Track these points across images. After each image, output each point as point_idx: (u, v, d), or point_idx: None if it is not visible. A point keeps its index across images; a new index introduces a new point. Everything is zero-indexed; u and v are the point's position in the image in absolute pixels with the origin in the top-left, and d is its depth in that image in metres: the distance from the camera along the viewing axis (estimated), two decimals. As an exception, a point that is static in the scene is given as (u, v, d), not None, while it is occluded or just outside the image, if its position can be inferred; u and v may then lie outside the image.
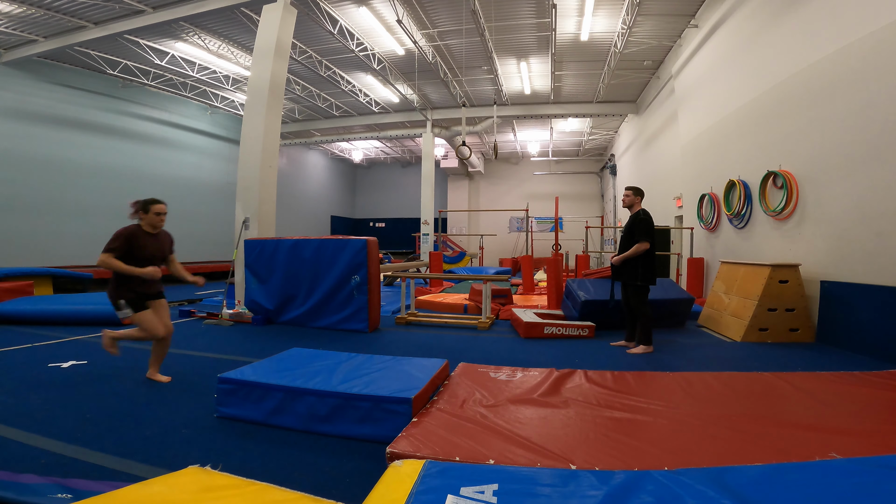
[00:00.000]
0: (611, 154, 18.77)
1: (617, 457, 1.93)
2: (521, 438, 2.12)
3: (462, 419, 2.36)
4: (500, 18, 9.25)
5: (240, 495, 1.53)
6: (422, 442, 2.04)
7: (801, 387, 2.90)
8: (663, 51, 10.37)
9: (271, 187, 7.07)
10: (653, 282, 4.44)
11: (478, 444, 2.04)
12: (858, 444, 1.98)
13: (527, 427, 2.27)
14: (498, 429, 2.23)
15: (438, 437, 2.10)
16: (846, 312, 4.63)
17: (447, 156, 20.51)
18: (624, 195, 4.69)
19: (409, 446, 1.99)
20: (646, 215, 4.49)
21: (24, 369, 3.74)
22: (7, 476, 1.81)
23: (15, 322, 5.76)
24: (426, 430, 2.17)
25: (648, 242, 4.36)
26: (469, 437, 2.12)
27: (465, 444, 2.04)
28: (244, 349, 4.67)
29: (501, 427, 2.25)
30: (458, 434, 2.15)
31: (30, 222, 10.23)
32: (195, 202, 14.41)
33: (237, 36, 10.17)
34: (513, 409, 2.54)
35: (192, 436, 2.47)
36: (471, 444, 2.05)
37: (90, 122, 11.55)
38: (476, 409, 2.52)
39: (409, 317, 6.30)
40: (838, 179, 4.84)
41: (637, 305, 4.49)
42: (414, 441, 2.05)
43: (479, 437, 2.14)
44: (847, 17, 4.70)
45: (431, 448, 1.98)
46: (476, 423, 2.31)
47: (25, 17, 8.78)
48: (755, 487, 1.42)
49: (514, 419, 2.38)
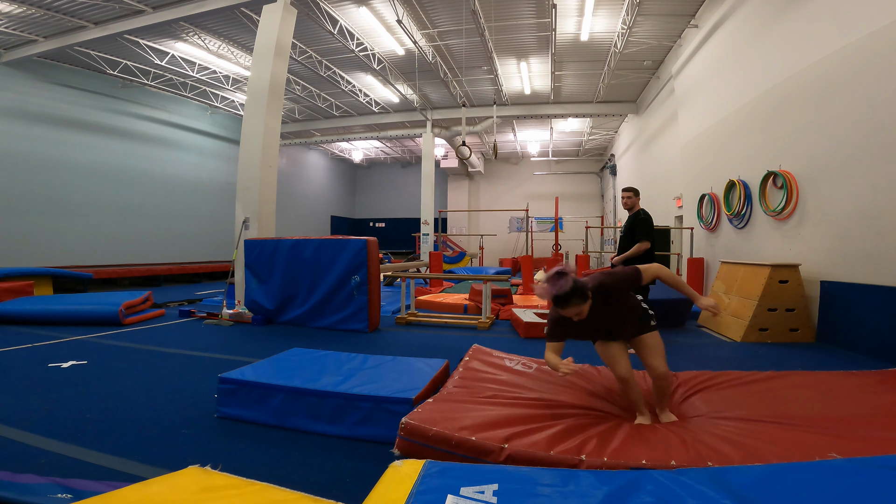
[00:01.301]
0: (611, 154, 18.77)
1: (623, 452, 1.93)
2: (534, 422, 2.18)
3: (479, 397, 2.47)
4: (500, 18, 9.25)
5: (240, 495, 1.53)
6: (440, 414, 2.12)
7: (800, 387, 2.90)
8: (663, 51, 10.37)
9: (271, 187, 7.06)
10: (653, 282, 4.42)
11: (492, 426, 2.08)
12: (858, 444, 1.98)
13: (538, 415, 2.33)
14: (512, 411, 2.30)
15: (455, 414, 2.16)
16: (846, 312, 4.63)
17: (447, 156, 20.51)
18: (625, 197, 4.65)
19: (426, 419, 2.07)
20: (646, 215, 4.49)
21: (24, 369, 3.73)
22: (7, 476, 1.81)
23: (15, 322, 5.76)
24: (444, 406, 2.24)
25: (649, 242, 4.36)
26: (484, 417, 2.18)
27: (481, 422, 2.11)
28: (244, 349, 4.67)
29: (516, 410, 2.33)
30: (474, 413, 2.22)
31: (30, 222, 10.23)
32: (195, 202, 14.42)
33: (237, 36, 10.17)
34: (526, 395, 2.63)
35: (192, 436, 2.47)
36: (485, 423, 2.10)
37: (90, 122, 11.55)
38: (493, 389, 2.64)
39: (410, 317, 6.29)
40: (838, 179, 4.84)
41: None
42: (431, 414, 2.13)
43: (494, 417, 2.19)
44: (847, 17, 4.69)
45: (450, 421, 2.06)
46: (492, 404, 2.40)
47: (25, 17, 8.77)
48: (755, 487, 1.42)
49: (527, 402, 2.47)
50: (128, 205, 12.37)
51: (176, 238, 13.76)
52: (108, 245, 11.88)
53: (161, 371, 3.77)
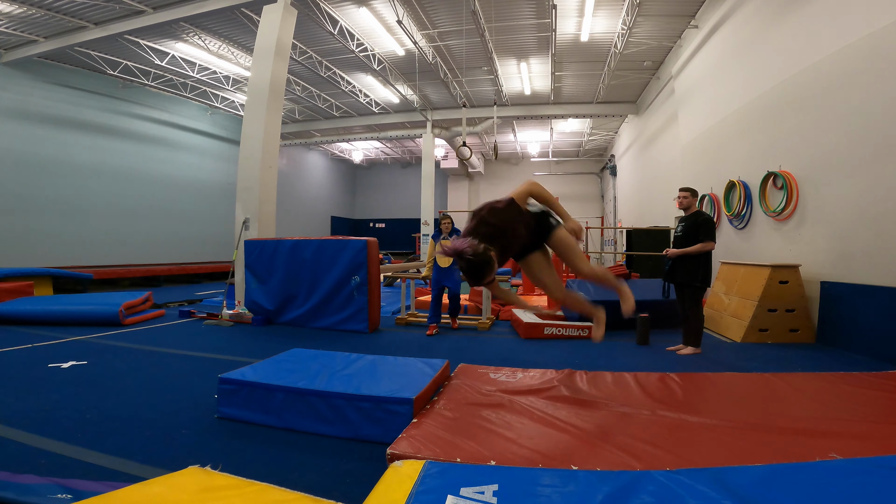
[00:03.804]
0: (611, 154, 18.77)
1: (617, 457, 1.92)
2: (522, 439, 2.11)
3: (463, 420, 2.35)
4: (501, 19, 9.26)
5: (240, 495, 1.53)
6: (422, 443, 2.04)
7: (801, 387, 2.90)
8: (663, 51, 10.37)
9: (271, 188, 7.07)
10: (709, 283, 4.45)
11: (479, 446, 2.04)
12: (858, 444, 1.98)
13: (527, 428, 2.27)
14: (498, 430, 2.23)
15: (439, 438, 2.09)
16: (846, 313, 4.63)
17: (447, 156, 20.51)
18: (681, 196, 4.59)
19: (410, 447, 1.99)
20: (709, 216, 4.49)
21: (24, 369, 3.73)
22: (7, 476, 1.81)
23: (15, 322, 5.76)
24: (427, 431, 2.16)
25: (713, 243, 4.37)
26: (470, 438, 2.11)
27: (466, 446, 2.04)
28: (244, 350, 4.67)
29: (502, 428, 2.25)
30: (459, 435, 2.15)
31: (30, 222, 10.23)
32: (195, 202, 14.42)
33: (237, 36, 10.17)
34: (513, 410, 2.54)
35: (192, 436, 2.47)
36: (472, 445, 2.05)
37: (90, 123, 11.56)
38: (477, 410, 2.52)
39: (410, 317, 6.29)
40: (838, 180, 4.84)
41: (692, 307, 4.47)
42: (414, 442, 2.04)
43: (480, 437, 2.13)
44: (847, 17, 4.70)
45: (432, 449, 1.98)
46: (477, 424, 2.31)
47: (26, 18, 8.78)
48: (756, 487, 1.42)
49: (514, 420, 2.38)
50: (128, 205, 12.37)
51: (176, 238, 13.76)
52: (108, 245, 11.89)
53: (161, 371, 3.77)
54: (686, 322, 4.57)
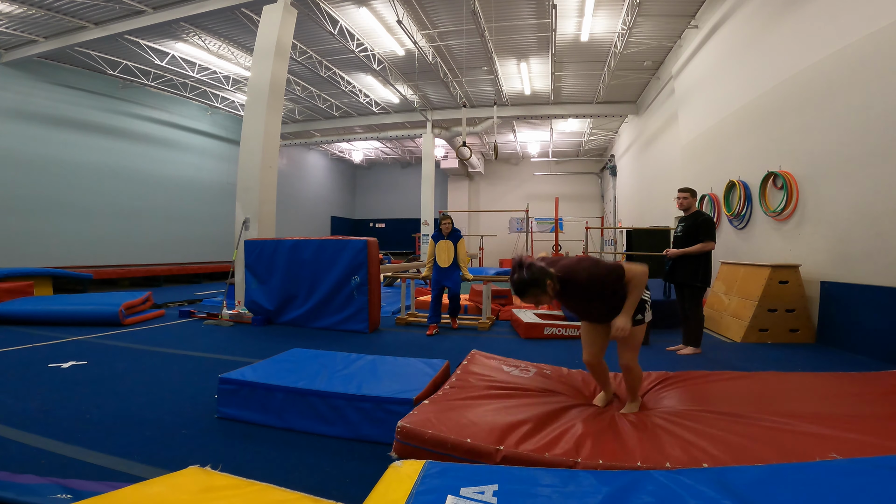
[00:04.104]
0: (611, 154, 18.77)
1: (619, 455, 1.93)
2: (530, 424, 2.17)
3: (475, 400, 2.45)
4: (501, 19, 9.26)
5: (240, 496, 1.53)
6: (436, 417, 2.11)
7: (800, 387, 2.90)
8: (663, 51, 10.37)
9: (271, 188, 7.07)
10: (710, 283, 4.46)
11: (488, 429, 2.08)
12: (858, 444, 1.98)
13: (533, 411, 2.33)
14: (508, 413, 2.29)
15: (451, 417, 2.15)
16: (846, 313, 4.63)
17: (447, 156, 20.50)
18: (681, 197, 4.58)
19: (422, 422, 2.06)
20: (709, 216, 4.50)
21: (24, 369, 3.73)
22: (7, 476, 1.81)
23: (15, 322, 5.76)
24: (440, 409, 2.22)
25: (714, 243, 4.37)
26: (479, 419, 2.17)
27: (476, 424, 2.10)
28: (244, 350, 4.67)
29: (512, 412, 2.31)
30: (470, 415, 2.21)
31: (30, 222, 10.23)
32: (195, 202, 14.42)
33: (237, 36, 10.17)
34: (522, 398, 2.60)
35: (192, 436, 2.47)
36: (481, 426, 2.10)
37: (90, 123, 11.56)
38: (489, 392, 2.61)
39: (410, 317, 6.29)
40: (838, 180, 4.84)
41: (693, 307, 4.48)
42: (427, 416, 2.11)
43: (490, 419, 2.18)
44: (847, 17, 4.70)
45: (446, 424, 2.05)
46: (487, 407, 2.38)
47: (26, 18, 8.78)
48: (755, 487, 1.42)
49: (523, 405, 2.45)
50: (128, 205, 12.37)
51: (176, 238, 13.76)
52: (108, 245, 11.89)
53: (161, 371, 3.77)
54: (686, 322, 4.57)
